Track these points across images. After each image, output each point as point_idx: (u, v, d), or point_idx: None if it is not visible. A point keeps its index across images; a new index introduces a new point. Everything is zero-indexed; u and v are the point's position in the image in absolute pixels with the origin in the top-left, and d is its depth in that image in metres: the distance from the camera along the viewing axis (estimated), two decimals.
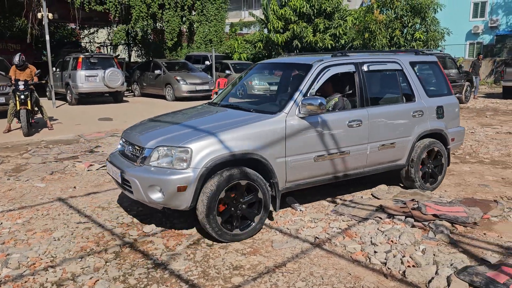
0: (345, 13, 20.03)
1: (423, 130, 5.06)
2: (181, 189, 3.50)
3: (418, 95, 5.10)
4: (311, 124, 4.16)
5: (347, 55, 4.78)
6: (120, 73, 14.45)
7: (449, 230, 4.00)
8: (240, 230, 3.79)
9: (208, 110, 4.87)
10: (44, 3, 12.78)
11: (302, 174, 4.21)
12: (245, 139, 3.78)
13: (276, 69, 6.96)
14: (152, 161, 3.70)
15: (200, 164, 3.55)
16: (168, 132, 3.95)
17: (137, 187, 3.67)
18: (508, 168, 6.37)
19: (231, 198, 3.73)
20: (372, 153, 4.67)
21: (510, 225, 4.17)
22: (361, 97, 4.63)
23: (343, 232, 3.94)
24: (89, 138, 8.76)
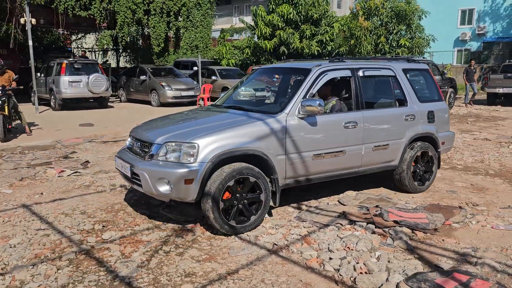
0: (332, 20, 20.16)
1: (415, 133, 5.30)
2: (188, 182, 3.78)
3: (410, 100, 5.34)
4: (309, 124, 4.43)
5: (344, 61, 5.09)
6: (104, 79, 14.41)
7: (409, 236, 4.01)
8: (236, 223, 4.00)
9: (212, 111, 5.12)
10: (27, 8, 12.73)
11: (301, 171, 4.46)
12: (248, 137, 4.06)
13: (277, 74, 7.38)
14: (161, 156, 3.98)
15: (206, 158, 3.83)
16: (176, 130, 4.25)
17: (146, 180, 3.94)
18: (479, 174, 6.42)
19: (235, 191, 3.98)
20: (366, 153, 4.91)
21: (470, 231, 4.19)
22: (357, 100, 4.90)
23: (303, 239, 3.94)
24: (66, 144, 8.70)
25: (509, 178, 6.22)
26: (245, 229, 4.06)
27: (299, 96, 4.46)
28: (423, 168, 5.48)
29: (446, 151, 6.20)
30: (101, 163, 7.10)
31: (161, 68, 17.29)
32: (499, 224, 4.35)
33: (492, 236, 4.07)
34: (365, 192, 5.36)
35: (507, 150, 8.10)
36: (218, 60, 23.20)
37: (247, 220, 4.08)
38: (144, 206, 4.91)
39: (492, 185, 5.82)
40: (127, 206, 4.90)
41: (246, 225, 4.06)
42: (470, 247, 3.80)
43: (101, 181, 5.95)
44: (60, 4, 14.13)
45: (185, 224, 4.34)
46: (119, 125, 11.17)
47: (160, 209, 4.77)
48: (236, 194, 4.01)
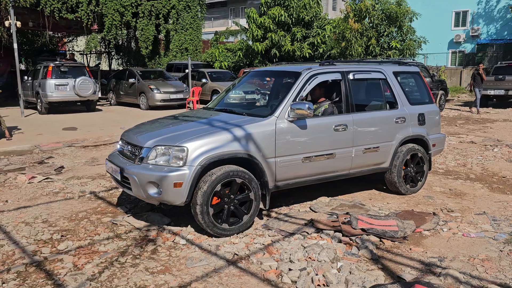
0: (324, 22, 20.07)
1: (405, 136, 5.33)
2: (177, 185, 3.80)
3: (401, 103, 5.37)
4: (299, 127, 4.44)
5: (334, 64, 5.11)
6: (91, 82, 14.26)
7: (376, 245, 3.88)
8: (229, 225, 4.03)
9: (203, 113, 5.12)
10: (11, 11, 12.60)
11: (291, 174, 4.49)
12: (237, 140, 4.07)
13: (268, 77, 7.45)
14: (150, 159, 4.00)
15: (195, 162, 3.85)
16: (166, 133, 4.26)
17: (135, 183, 3.97)
18: (459, 178, 6.30)
19: (225, 194, 4.00)
20: (357, 156, 4.92)
21: (440, 239, 4.06)
22: (347, 103, 4.92)
23: (265, 248, 3.80)
24: (45, 148, 8.56)
25: (490, 182, 6.10)
26: (238, 229, 4.10)
27: (289, 99, 4.47)
28: (414, 170, 5.50)
29: (437, 153, 6.18)
30: (76, 168, 6.96)
31: (151, 71, 17.15)
32: (470, 231, 4.22)
33: (462, 244, 3.95)
34: (339, 198, 5.23)
35: (492, 153, 7.98)
36: (211, 63, 23.10)
37: (240, 220, 4.11)
38: (110, 214, 4.78)
39: (471, 190, 5.70)
40: (92, 214, 4.76)
41: (239, 226, 4.10)
42: (437, 256, 3.67)
43: (72, 187, 5.81)
44: (46, 6, 13.99)
45: (148, 233, 4.21)
46: (102, 129, 11.03)
47: (125, 217, 4.63)
48: (224, 197, 4.02)
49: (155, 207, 4.77)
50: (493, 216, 4.65)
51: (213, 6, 47.79)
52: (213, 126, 4.30)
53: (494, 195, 5.48)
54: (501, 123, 12.46)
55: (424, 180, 5.70)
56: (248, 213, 4.16)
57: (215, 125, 4.36)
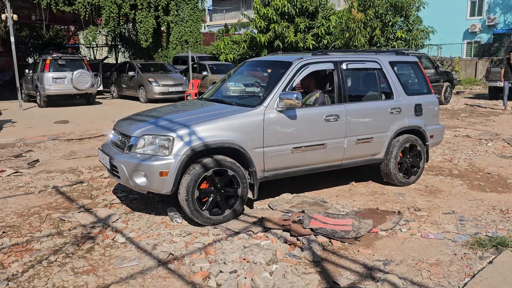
0: (329, 12, 19.60)
1: (401, 127, 5.23)
2: (163, 174, 3.83)
3: (397, 93, 5.27)
4: (288, 117, 4.40)
5: (328, 53, 5.05)
6: (89, 75, 14.25)
7: (323, 246, 3.66)
8: (210, 214, 4.01)
9: (195, 103, 5.18)
10: (8, 4, 12.63)
11: (280, 164, 4.46)
12: (224, 130, 4.08)
13: (261, 67, 7.36)
14: (138, 149, 4.03)
15: (181, 151, 3.86)
16: (154, 123, 4.28)
17: (123, 172, 4.00)
18: (440, 175, 5.98)
19: (212, 182, 4.02)
20: (349, 147, 4.86)
21: (395, 240, 3.80)
22: (339, 93, 4.85)
23: (204, 248, 3.61)
24: (28, 142, 8.54)
25: (472, 179, 5.76)
26: (219, 221, 4.07)
27: (278, 89, 4.43)
28: (409, 162, 5.40)
29: (436, 145, 6.03)
30: (50, 162, 6.89)
31: (151, 63, 17.07)
32: (430, 232, 3.95)
33: (416, 246, 3.68)
34: (303, 195, 5.00)
35: (484, 148, 7.59)
36: (217, 55, 22.88)
37: (221, 212, 4.09)
38: (63, 210, 4.66)
39: (448, 187, 5.38)
40: (45, 210, 4.65)
41: (220, 218, 4.07)
42: (384, 259, 3.42)
43: (37, 181, 5.72)
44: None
45: (91, 230, 4.07)
46: (93, 122, 10.99)
47: (75, 213, 4.50)
48: (212, 187, 4.04)
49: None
50: (461, 216, 4.36)
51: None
52: (202, 116, 4.28)
53: (471, 193, 5.16)
54: (505, 117, 11.94)
55: (421, 172, 5.57)
56: (231, 207, 4.14)
57: (203, 115, 4.35)
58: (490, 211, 4.49)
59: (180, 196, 3.94)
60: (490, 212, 4.45)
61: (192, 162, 3.94)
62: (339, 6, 25.17)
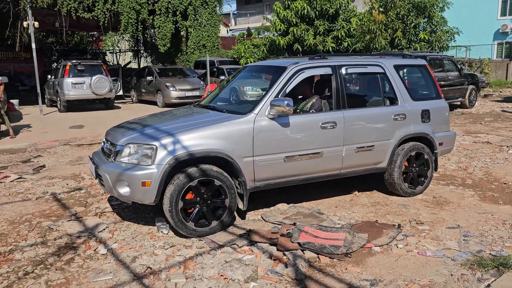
0: (350, 15, 19.21)
1: (406, 134, 4.96)
2: (146, 184, 3.71)
3: (402, 98, 5.01)
4: (281, 125, 4.21)
5: (326, 58, 4.84)
6: (107, 80, 14.43)
7: (309, 262, 3.44)
8: (195, 225, 3.88)
9: (188, 111, 5.01)
10: (29, 12, 12.95)
11: (272, 173, 4.27)
12: (211, 138, 3.92)
13: (258, 72, 7.15)
14: (123, 157, 3.92)
15: (164, 160, 3.73)
16: (141, 131, 4.15)
17: (107, 181, 3.90)
18: (452, 184, 5.63)
19: (198, 193, 3.88)
20: (348, 155, 4.63)
21: (389, 257, 3.54)
22: (338, 99, 4.63)
23: (184, 262, 3.47)
24: (40, 147, 8.65)
25: (485, 189, 5.40)
26: (205, 232, 3.93)
27: (270, 96, 4.26)
28: (416, 171, 5.11)
29: (446, 153, 5.72)
30: (56, 168, 6.92)
31: (170, 68, 17.16)
32: (429, 249, 3.66)
33: (411, 264, 3.42)
34: (299, 205, 4.78)
35: (504, 155, 7.14)
36: (237, 59, 22.84)
37: (208, 224, 3.94)
38: (54, 218, 4.62)
39: (457, 198, 5.05)
40: (37, 217, 4.62)
41: (206, 229, 3.93)
42: (372, 279, 3.18)
43: (37, 188, 5.74)
44: (63, 6, 14.28)
45: (76, 240, 3.99)
46: (108, 127, 10.99)
47: (65, 221, 4.45)
48: (197, 197, 3.90)
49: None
50: (466, 231, 4.04)
51: (249, 2, 47.63)
52: (190, 124, 4.13)
53: (482, 205, 4.81)
54: None
55: (428, 182, 5.26)
56: (218, 219, 3.97)
57: (192, 123, 4.21)
58: (499, 226, 4.15)
59: (164, 207, 3.81)
60: (499, 227, 4.12)
61: (177, 171, 3.80)
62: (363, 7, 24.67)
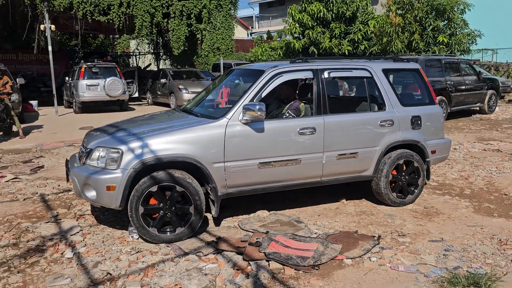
0: (368, 17, 18.86)
1: (393, 141, 4.75)
2: (110, 189, 3.68)
3: (390, 104, 4.82)
4: (255, 130, 4.10)
5: (308, 61, 4.70)
6: (121, 82, 14.62)
7: (273, 273, 3.31)
8: (158, 232, 3.81)
9: (166, 115, 5.00)
10: (46, 15, 13.27)
11: (245, 180, 4.16)
12: (180, 143, 3.85)
13: (242, 75, 6.90)
14: (92, 161, 3.90)
15: (128, 165, 3.69)
16: (113, 134, 4.10)
17: (76, 184, 3.92)
18: (449, 194, 5.37)
19: (160, 199, 3.81)
20: (329, 162, 4.47)
21: (358, 271, 3.37)
22: (318, 104, 4.49)
23: (145, 269, 3.39)
24: (45, 147, 8.80)
25: (482, 200, 5.12)
26: (170, 239, 3.84)
27: (244, 100, 4.15)
28: (405, 179, 4.89)
29: (440, 161, 5.46)
30: (53, 169, 7.01)
31: (184, 71, 17.27)
32: (402, 264, 3.47)
33: (380, 279, 3.24)
34: (280, 213, 4.65)
35: (511, 165, 6.78)
36: (255, 62, 22.82)
37: (173, 230, 3.86)
38: (35, 219, 4.64)
39: (450, 209, 4.80)
40: (19, 218, 4.65)
41: (171, 236, 3.84)
42: None
43: (29, 188, 5.80)
44: (79, 9, 14.57)
45: (48, 242, 3.99)
46: None
47: (43, 223, 4.46)
48: (160, 203, 3.83)
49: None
50: (449, 245, 3.81)
51: (271, 5, 47.57)
52: (161, 128, 4.06)
53: (474, 217, 4.56)
54: None
55: (419, 192, 5.03)
56: (184, 226, 3.87)
57: (164, 127, 4.13)
58: (486, 241, 3.90)
59: (129, 212, 3.77)
60: (485, 242, 3.87)
61: (143, 176, 3.75)
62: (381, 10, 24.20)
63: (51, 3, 13.77)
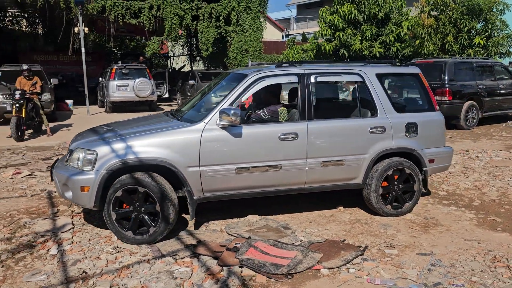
0: (401, 18, 18.30)
1: (384, 148, 4.57)
2: (84, 189, 3.81)
3: (382, 110, 4.64)
4: (233, 135, 4.09)
5: (294, 65, 4.64)
6: (149, 83, 14.99)
7: (243, 280, 3.27)
8: (134, 234, 3.88)
9: (152, 118, 5.15)
10: (80, 18, 13.82)
11: (222, 185, 4.15)
12: (154, 146, 3.90)
13: (230, 79, 6.84)
14: (72, 162, 4.04)
15: (102, 167, 3.80)
16: (93, 136, 4.24)
17: (56, 184, 4.12)
18: (454, 205, 5.10)
19: (130, 201, 3.89)
20: (312, 169, 4.37)
21: (332, 282, 3.26)
22: (303, 109, 4.40)
23: (120, 269, 3.44)
24: (68, 146, 9.14)
25: (490, 212, 4.83)
26: (146, 240, 3.89)
27: (223, 104, 4.14)
28: (398, 189, 4.68)
29: (440, 171, 5.21)
30: None
31: (212, 72, 17.48)
32: (381, 277, 3.32)
33: None
34: (270, 218, 4.58)
35: None
36: None
37: (146, 231, 3.91)
38: (35, 215, 4.83)
39: (451, 221, 4.56)
40: (21, 214, 4.85)
41: (145, 237, 3.89)
42: None
43: (40, 185, 6.05)
44: (111, 13, 15.08)
45: (39, 238, 4.13)
46: None
47: (40, 219, 4.63)
48: (131, 205, 3.91)
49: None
50: (437, 260, 3.62)
51: (309, 7, 47.27)
52: (141, 131, 4.13)
53: (475, 231, 4.30)
54: None
55: (415, 202, 4.80)
56: (154, 225, 3.90)
57: (144, 130, 4.19)
58: (478, 257, 3.66)
59: (104, 212, 3.89)
60: (478, 258, 3.64)
61: (116, 178, 3.84)
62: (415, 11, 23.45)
63: (85, 7, 14.34)
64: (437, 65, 11.05)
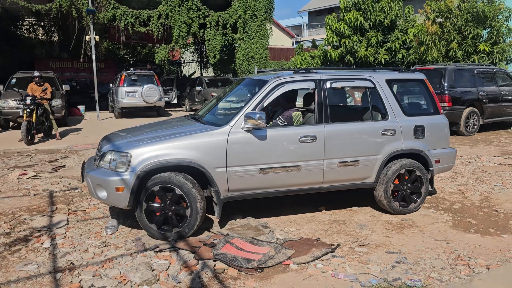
0: (407, 25, 18.41)
1: (395, 150, 4.88)
2: (119, 189, 4.03)
3: (392, 113, 4.94)
4: (257, 137, 4.33)
5: (311, 72, 4.88)
6: (157, 89, 15.40)
7: (216, 273, 3.52)
8: (157, 228, 4.14)
9: (176, 122, 5.38)
10: (91, 26, 14.34)
11: (246, 185, 4.38)
12: (183, 148, 4.15)
13: (248, 85, 7.13)
14: (104, 164, 4.27)
15: (136, 168, 4.01)
16: (124, 139, 4.49)
17: (89, 185, 4.31)
18: (434, 208, 5.27)
19: (163, 199, 4.12)
20: (329, 169, 4.64)
21: (298, 276, 3.49)
22: (320, 113, 4.67)
23: (105, 261, 3.73)
24: (75, 149, 9.55)
25: (467, 215, 4.99)
26: (170, 236, 4.14)
27: (247, 109, 4.39)
28: (407, 188, 4.98)
29: (445, 171, 5.52)
30: (73, 169, 7.63)
31: (219, 79, 17.83)
32: (345, 272, 3.54)
33: (315, 285, 3.35)
34: (252, 218, 4.81)
35: None
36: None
37: (170, 230, 4.17)
38: (35, 212, 5.15)
39: (426, 223, 4.74)
40: (23, 211, 5.18)
41: (170, 234, 4.14)
42: None
43: (43, 185, 6.40)
44: (121, 21, 15.58)
45: (36, 233, 4.45)
46: None
47: (39, 216, 4.95)
48: (162, 203, 4.14)
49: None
50: (403, 257, 3.81)
51: (320, 13, 47.51)
52: (169, 135, 4.38)
53: (447, 232, 4.47)
54: None
55: (421, 201, 5.10)
56: (180, 227, 4.15)
57: (172, 133, 4.45)
58: (442, 256, 3.84)
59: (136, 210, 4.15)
60: (442, 257, 3.82)
61: (149, 179, 4.07)
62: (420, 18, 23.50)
63: (96, 16, 14.87)
64: (437, 72, 11.17)
